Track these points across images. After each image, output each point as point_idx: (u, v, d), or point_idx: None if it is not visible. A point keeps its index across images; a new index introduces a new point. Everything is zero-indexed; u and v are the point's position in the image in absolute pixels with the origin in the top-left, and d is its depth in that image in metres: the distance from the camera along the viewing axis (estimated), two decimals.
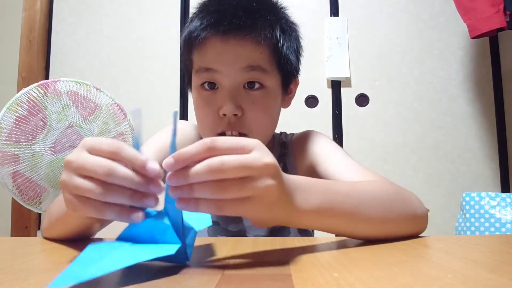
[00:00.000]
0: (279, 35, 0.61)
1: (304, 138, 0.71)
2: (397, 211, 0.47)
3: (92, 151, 0.33)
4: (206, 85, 0.62)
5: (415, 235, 0.49)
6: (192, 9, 0.66)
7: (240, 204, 0.33)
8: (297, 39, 0.68)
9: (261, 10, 0.60)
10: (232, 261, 0.36)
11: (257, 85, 0.61)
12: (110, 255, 0.30)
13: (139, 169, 0.32)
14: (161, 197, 0.34)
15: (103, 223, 0.53)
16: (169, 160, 0.32)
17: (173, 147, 0.33)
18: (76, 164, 0.33)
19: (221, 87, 0.61)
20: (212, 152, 0.32)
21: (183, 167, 0.32)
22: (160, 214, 0.34)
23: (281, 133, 0.77)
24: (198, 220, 0.41)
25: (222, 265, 0.34)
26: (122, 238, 0.34)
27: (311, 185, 0.41)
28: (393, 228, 0.47)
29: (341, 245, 0.43)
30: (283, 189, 0.36)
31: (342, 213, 0.42)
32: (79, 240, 0.49)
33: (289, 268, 0.32)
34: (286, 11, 0.67)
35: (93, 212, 0.32)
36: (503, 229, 1.28)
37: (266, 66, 0.61)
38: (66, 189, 0.34)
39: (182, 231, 0.34)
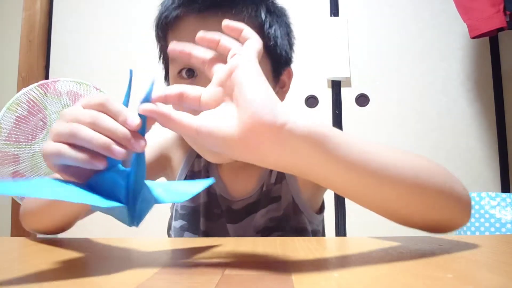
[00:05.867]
0: (265, 16, 0.54)
1: None
2: (434, 184, 0.39)
3: (85, 105, 0.35)
4: (184, 73, 0.54)
5: (451, 226, 0.42)
6: None
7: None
8: (287, 25, 0.60)
9: None
10: (232, 261, 0.36)
11: None
12: (52, 186, 0.31)
13: (121, 122, 0.33)
14: None
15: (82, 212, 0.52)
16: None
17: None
18: (67, 114, 0.34)
19: (201, 73, 0.53)
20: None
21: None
22: (123, 173, 0.34)
23: None
24: (176, 194, 0.38)
25: (222, 265, 0.34)
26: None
27: (336, 135, 0.35)
28: (426, 202, 0.39)
29: (341, 245, 0.43)
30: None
31: (370, 170, 0.36)
32: (75, 241, 0.49)
33: (289, 268, 0.32)
34: None
35: (56, 153, 0.32)
36: (503, 229, 1.28)
37: None
38: (50, 135, 0.34)
39: (134, 194, 0.33)
